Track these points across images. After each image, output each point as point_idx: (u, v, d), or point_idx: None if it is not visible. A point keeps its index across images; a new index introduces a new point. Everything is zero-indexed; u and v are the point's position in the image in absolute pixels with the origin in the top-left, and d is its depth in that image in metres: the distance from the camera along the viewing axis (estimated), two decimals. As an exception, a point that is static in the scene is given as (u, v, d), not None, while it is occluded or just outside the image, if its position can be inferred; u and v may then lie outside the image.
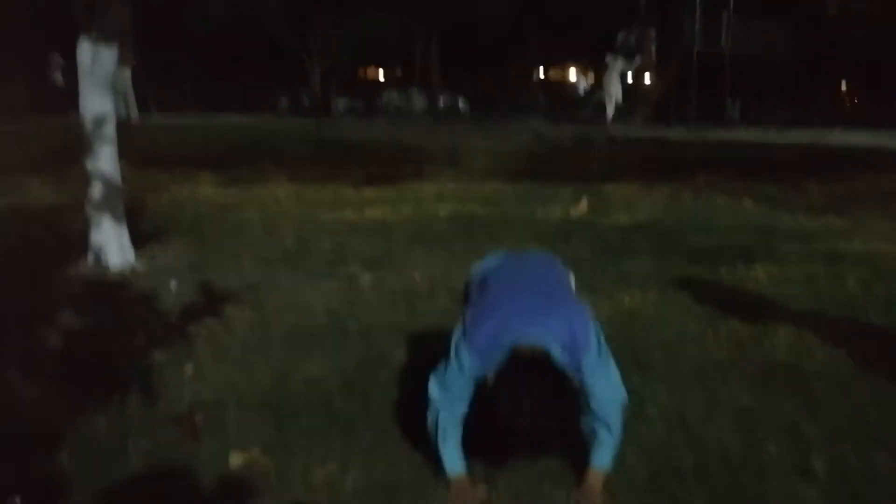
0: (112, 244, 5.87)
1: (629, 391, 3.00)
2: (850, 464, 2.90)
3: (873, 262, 6.02)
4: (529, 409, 2.39)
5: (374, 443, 3.10)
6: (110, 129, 5.83)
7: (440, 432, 2.75)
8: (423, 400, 2.80)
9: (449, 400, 2.72)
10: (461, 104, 36.33)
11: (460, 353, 2.66)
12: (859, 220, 8.00)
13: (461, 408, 2.73)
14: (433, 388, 2.76)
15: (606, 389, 2.69)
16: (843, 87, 35.53)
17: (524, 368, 2.49)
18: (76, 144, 5.98)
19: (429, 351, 3.99)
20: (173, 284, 5.37)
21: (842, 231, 7.37)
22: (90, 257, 5.86)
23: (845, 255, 6.24)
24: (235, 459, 2.97)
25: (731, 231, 7.39)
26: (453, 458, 2.76)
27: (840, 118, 27.18)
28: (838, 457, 2.95)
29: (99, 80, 5.73)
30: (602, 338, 2.72)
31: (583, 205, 8.74)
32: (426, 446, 3.00)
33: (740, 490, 2.73)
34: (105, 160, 5.82)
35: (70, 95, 6.14)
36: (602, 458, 2.75)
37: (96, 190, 5.82)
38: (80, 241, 6.00)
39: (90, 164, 5.80)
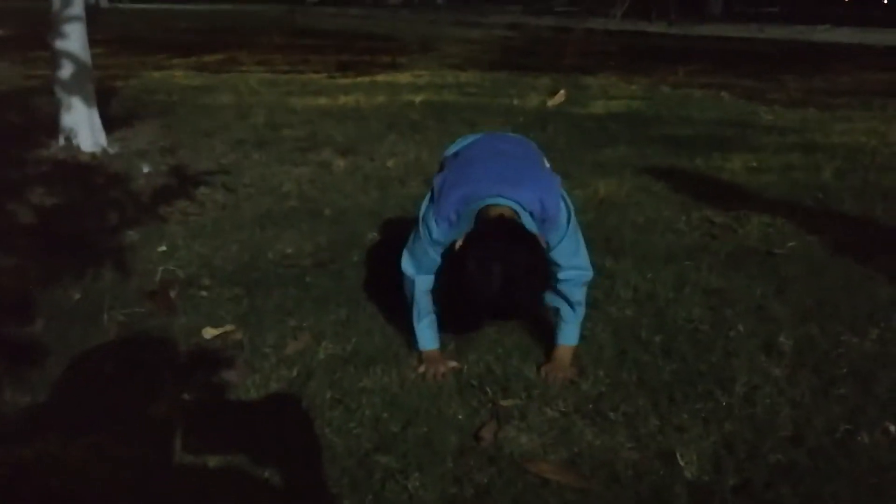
0: (83, 126, 5.77)
1: (599, 273, 3.02)
2: (816, 342, 2.95)
3: (850, 153, 6.02)
4: (499, 271, 2.28)
5: (347, 317, 3.11)
6: (78, 8, 5.67)
7: (415, 309, 2.76)
8: (397, 277, 2.80)
9: (420, 273, 2.71)
10: (438, -5, 35.60)
11: (428, 221, 2.62)
12: (838, 113, 7.99)
13: (432, 280, 2.72)
14: (405, 262, 2.74)
15: (573, 261, 2.66)
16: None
17: (493, 233, 2.40)
18: (44, 27, 5.81)
19: (401, 233, 4.00)
20: (145, 166, 5.31)
21: (820, 124, 7.35)
22: (60, 139, 5.77)
23: (822, 147, 6.24)
24: (209, 333, 2.98)
25: (708, 123, 7.37)
26: (427, 336, 2.78)
27: (826, 15, 26.89)
28: (805, 336, 3.00)
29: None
30: (573, 212, 2.66)
31: (560, 95, 8.67)
32: (398, 320, 3.04)
33: (707, 364, 2.77)
34: (73, 40, 5.67)
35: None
36: (568, 335, 2.78)
37: (65, 70, 5.69)
38: (49, 124, 5.91)
39: (58, 44, 5.66)
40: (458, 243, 2.41)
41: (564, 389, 2.62)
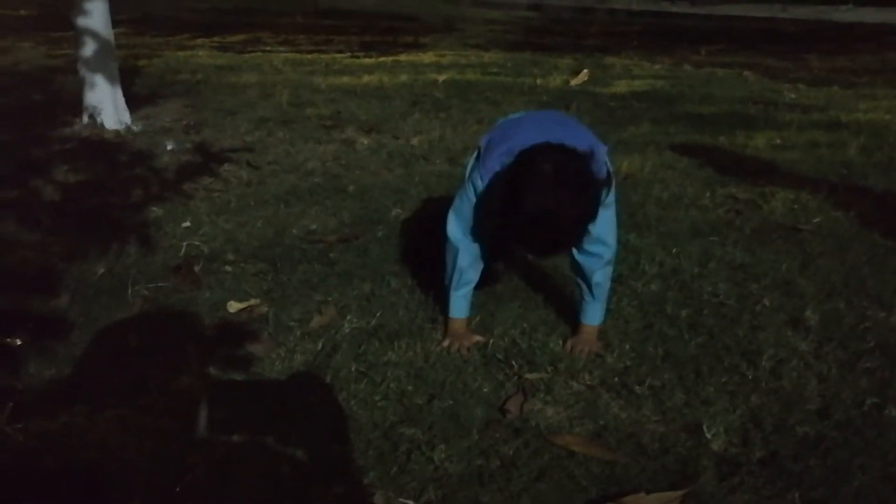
0: (107, 104, 5.78)
1: (624, 248, 2.99)
2: (843, 316, 2.93)
3: (875, 130, 5.97)
4: (551, 174, 2.11)
5: (371, 291, 3.12)
6: (101, -15, 5.67)
7: (455, 276, 2.70)
8: (422, 252, 2.79)
9: (467, 237, 2.63)
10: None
11: (474, 180, 2.52)
12: (862, 91, 7.92)
13: (477, 246, 2.65)
14: (451, 225, 2.64)
15: (603, 232, 2.54)
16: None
17: (543, 150, 2.23)
18: (66, 7, 5.81)
19: (426, 210, 4.02)
20: (169, 143, 5.32)
21: (844, 102, 7.29)
22: (84, 117, 5.78)
23: (847, 124, 6.18)
24: (233, 307, 2.99)
25: (732, 101, 7.30)
26: (461, 306, 2.75)
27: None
28: (831, 310, 2.98)
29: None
30: (614, 183, 2.57)
31: (583, 75, 8.62)
32: (422, 294, 3.04)
33: (733, 338, 2.76)
34: (96, 17, 5.66)
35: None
36: (591, 315, 2.75)
37: (88, 48, 5.68)
38: (74, 103, 5.92)
39: (81, 22, 5.64)
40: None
41: (590, 363, 2.61)
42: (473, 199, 2.54)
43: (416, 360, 2.62)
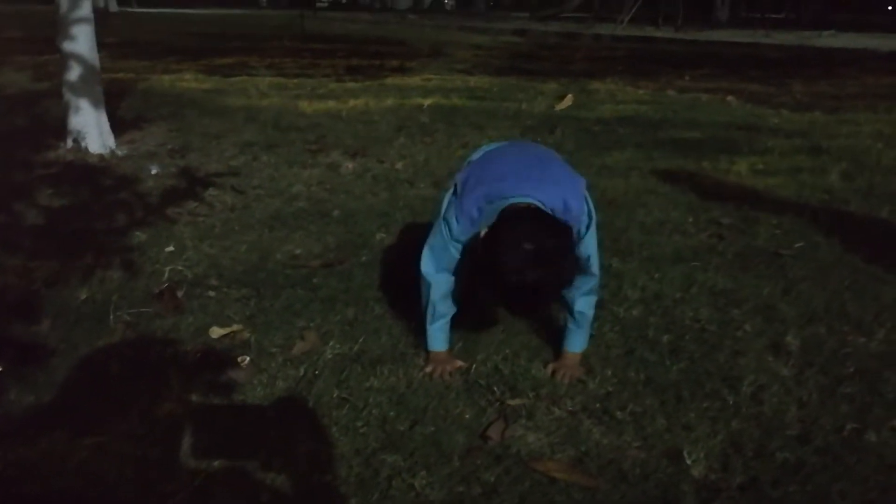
0: (91, 128, 5.78)
1: (607, 272, 3.00)
2: (823, 342, 2.94)
3: (856, 155, 6.03)
4: (531, 250, 2.19)
5: (354, 317, 3.11)
6: (87, 9, 5.67)
7: (430, 310, 2.73)
8: (405, 277, 2.79)
9: (440, 272, 2.66)
10: (447, 1, 35.71)
11: (449, 219, 2.57)
12: (843, 116, 7.99)
13: (451, 281, 2.68)
14: (425, 261, 2.68)
15: (589, 266, 2.61)
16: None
17: (523, 216, 2.36)
18: (52, 32, 5.82)
19: (410, 234, 4.02)
20: (153, 167, 5.32)
21: (826, 127, 7.35)
22: (69, 141, 5.78)
23: (829, 150, 6.24)
24: (216, 332, 2.98)
25: (715, 126, 7.36)
26: (438, 338, 2.76)
27: (831, 21, 26.96)
28: (812, 335, 3.00)
29: (74, -44, 5.56)
30: (594, 217, 2.62)
31: (568, 99, 8.67)
32: (405, 320, 3.04)
33: (714, 364, 2.77)
34: (82, 42, 5.68)
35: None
36: (574, 342, 2.77)
37: (74, 72, 5.70)
38: (58, 127, 5.93)
39: (67, 47, 5.66)
40: (483, 232, 2.38)
41: (572, 388, 2.62)
42: (448, 237, 2.58)
43: (398, 386, 2.61)
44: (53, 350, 2.79)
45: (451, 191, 2.67)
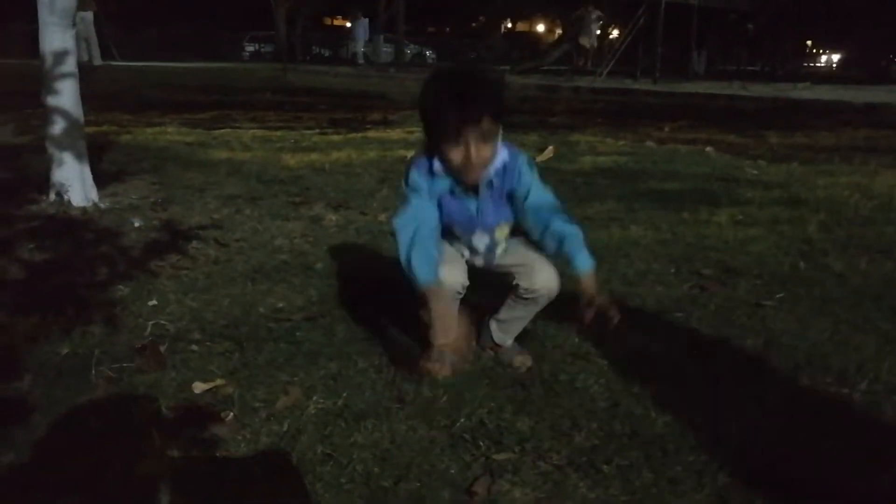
0: (74, 181, 5.77)
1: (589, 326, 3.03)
2: (807, 395, 2.96)
3: (833, 206, 6.10)
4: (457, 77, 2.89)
5: (338, 371, 3.10)
6: (71, 65, 5.69)
7: (410, 245, 2.78)
8: (384, 332, 2.80)
9: (414, 220, 2.83)
10: (428, 54, 36.12)
11: (409, 177, 2.86)
12: (820, 167, 8.10)
13: (435, 216, 2.90)
14: (396, 223, 2.88)
15: (538, 187, 3.07)
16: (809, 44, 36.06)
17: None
18: (37, 86, 5.84)
19: (392, 287, 4.01)
20: (136, 220, 5.31)
21: (803, 178, 7.44)
22: (51, 195, 5.76)
23: (806, 201, 6.31)
24: (199, 388, 2.96)
25: (695, 177, 7.44)
26: (424, 268, 2.78)
27: (805, 73, 27.43)
28: (795, 389, 3.01)
29: (58, 13, 5.59)
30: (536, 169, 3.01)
31: (549, 151, 8.75)
32: (389, 374, 3.03)
33: (699, 417, 2.77)
34: (66, 96, 5.69)
35: (32, 39, 5.96)
36: (581, 262, 2.86)
37: (57, 126, 5.70)
38: (40, 180, 5.91)
39: (51, 101, 5.67)
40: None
41: (557, 442, 2.61)
42: (415, 195, 2.89)
43: (382, 442, 2.60)
44: (34, 407, 2.75)
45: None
